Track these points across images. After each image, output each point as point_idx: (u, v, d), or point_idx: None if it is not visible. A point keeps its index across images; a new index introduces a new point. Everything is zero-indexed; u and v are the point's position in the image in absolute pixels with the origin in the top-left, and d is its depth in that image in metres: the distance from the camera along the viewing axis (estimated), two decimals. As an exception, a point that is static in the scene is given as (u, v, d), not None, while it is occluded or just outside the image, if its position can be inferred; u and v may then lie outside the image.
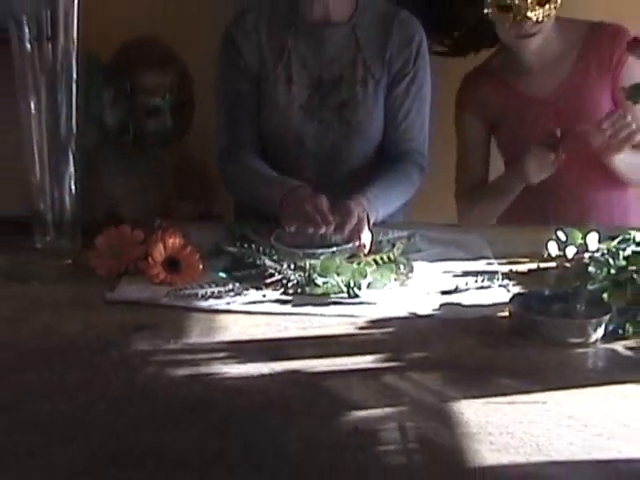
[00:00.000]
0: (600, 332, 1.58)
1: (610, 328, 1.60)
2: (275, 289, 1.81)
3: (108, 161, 2.57)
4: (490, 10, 2.38)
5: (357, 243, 1.95)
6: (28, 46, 1.94)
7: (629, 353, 1.57)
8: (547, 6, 2.34)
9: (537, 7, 2.34)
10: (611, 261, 1.80)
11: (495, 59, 2.57)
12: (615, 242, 1.88)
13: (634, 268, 1.77)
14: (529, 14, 2.34)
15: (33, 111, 1.97)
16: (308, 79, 2.31)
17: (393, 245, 1.98)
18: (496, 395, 1.41)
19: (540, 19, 2.36)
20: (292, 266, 1.86)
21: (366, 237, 1.96)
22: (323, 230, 1.98)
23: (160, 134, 2.54)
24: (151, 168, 2.61)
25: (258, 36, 2.32)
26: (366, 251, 1.94)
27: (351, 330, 1.65)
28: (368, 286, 1.81)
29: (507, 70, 2.53)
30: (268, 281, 1.83)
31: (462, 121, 2.58)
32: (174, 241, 1.85)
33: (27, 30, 1.93)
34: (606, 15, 2.50)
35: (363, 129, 2.32)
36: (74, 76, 1.97)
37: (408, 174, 2.28)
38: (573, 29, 2.47)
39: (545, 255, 1.90)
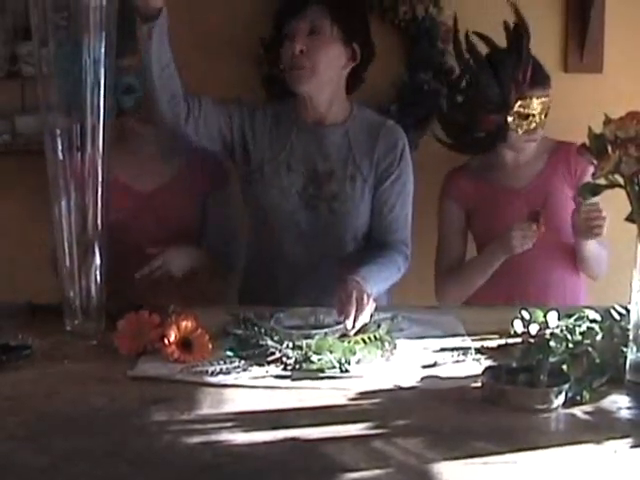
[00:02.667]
0: (561, 399, 1.59)
1: (570, 395, 1.60)
2: (276, 366, 1.81)
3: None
4: (512, 117, 2.48)
5: (351, 326, 1.94)
6: (60, 156, 1.96)
7: (587, 417, 1.57)
8: (545, 118, 2.48)
9: (543, 118, 2.47)
10: (569, 336, 1.83)
11: (474, 160, 2.64)
12: (572, 320, 1.90)
13: (589, 342, 1.79)
14: (538, 123, 2.47)
15: (64, 211, 1.97)
16: (305, 169, 2.35)
17: (379, 325, 1.98)
18: (472, 457, 1.41)
19: (543, 127, 2.49)
20: (290, 345, 1.85)
21: (364, 317, 1.97)
22: None
23: (136, 109, 2.49)
24: None
25: (270, 125, 2.37)
26: (352, 332, 1.94)
27: (343, 401, 1.65)
28: (357, 362, 1.81)
29: (485, 168, 2.60)
30: (270, 359, 1.83)
31: (443, 210, 2.63)
32: (186, 324, 1.85)
33: (59, 142, 1.96)
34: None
35: (350, 220, 2.35)
36: (99, 180, 1.99)
37: (394, 261, 2.29)
38: (544, 140, 2.56)
39: (512, 332, 1.93)
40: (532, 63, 2.47)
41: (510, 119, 2.47)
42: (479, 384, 1.68)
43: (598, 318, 1.92)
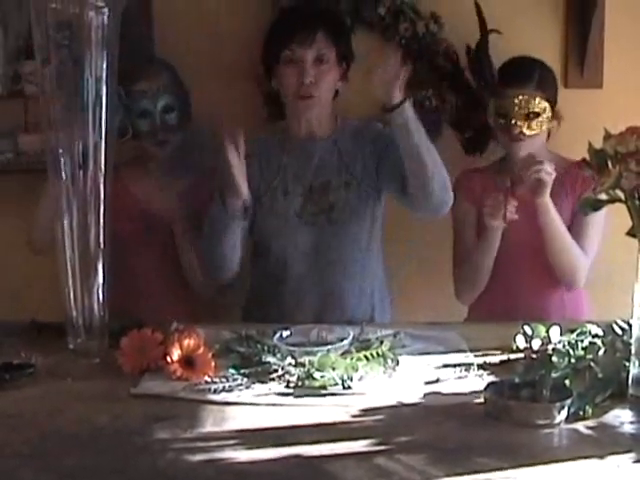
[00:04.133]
0: (564, 414, 1.59)
1: (572, 410, 1.60)
2: (278, 383, 1.81)
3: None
4: (491, 117, 2.53)
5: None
6: (63, 174, 1.96)
7: (589, 432, 1.57)
8: (535, 121, 2.48)
9: (525, 119, 2.47)
10: (571, 351, 1.83)
11: (491, 166, 2.68)
12: (574, 335, 1.91)
13: (591, 357, 1.79)
14: (518, 123, 2.47)
15: (66, 230, 1.98)
16: (301, 188, 2.38)
17: (381, 342, 1.98)
18: (474, 472, 1.41)
19: (526, 130, 2.48)
20: (293, 362, 1.86)
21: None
22: None
23: (152, 132, 2.57)
24: None
25: (259, 159, 2.38)
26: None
27: (345, 418, 1.65)
28: (360, 379, 1.81)
29: (498, 173, 2.61)
30: (272, 376, 1.83)
31: (456, 205, 2.61)
32: (189, 342, 1.85)
33: (62, 160, 1.96)
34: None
35: (350, 228, 2.38)
36: (102, 198, 1.99)
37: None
38: (558, 158, 2.57)
39: (514, 347, 1.93)
40: (508, 63, 2.52)
41: (490, 118, 2.52)
42: (482, 400, 1.68)
43: (600, 333, 1.92)
